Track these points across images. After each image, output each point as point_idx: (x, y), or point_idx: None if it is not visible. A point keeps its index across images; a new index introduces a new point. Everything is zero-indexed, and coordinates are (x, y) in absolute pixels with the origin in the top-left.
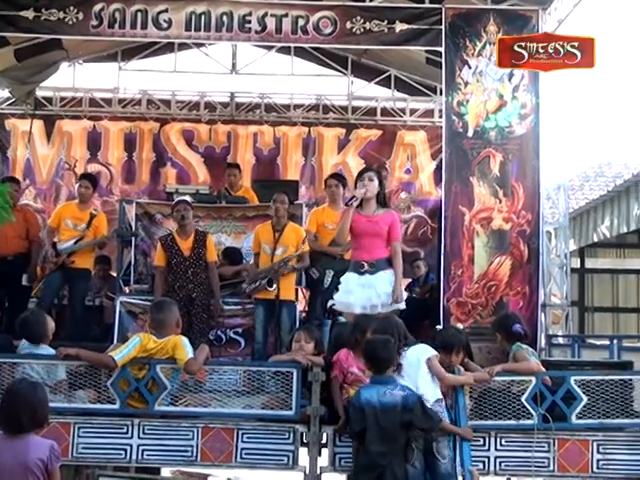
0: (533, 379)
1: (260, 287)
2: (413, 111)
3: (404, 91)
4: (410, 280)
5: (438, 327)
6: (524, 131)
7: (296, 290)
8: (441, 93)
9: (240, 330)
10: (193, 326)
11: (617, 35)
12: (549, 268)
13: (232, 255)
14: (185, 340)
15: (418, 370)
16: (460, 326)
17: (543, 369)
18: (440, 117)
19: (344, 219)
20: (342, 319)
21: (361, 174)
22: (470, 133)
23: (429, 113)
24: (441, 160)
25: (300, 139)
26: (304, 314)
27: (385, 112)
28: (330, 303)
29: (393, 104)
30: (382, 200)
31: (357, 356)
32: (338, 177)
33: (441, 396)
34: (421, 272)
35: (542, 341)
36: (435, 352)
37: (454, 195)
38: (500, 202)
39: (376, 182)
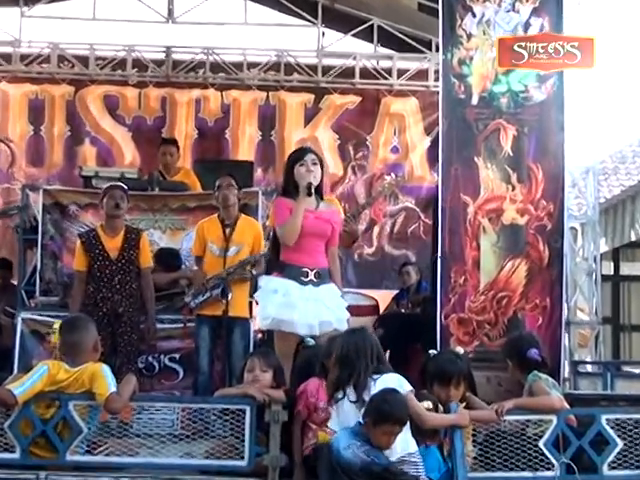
0: (554, 419)
1: (211, 299)
2: (401, 72)
3: (390, 46)
4: (397, 291)
5: (432, 352)
6: (544, 97)
7: (250, 304)
8: (437, 49)
9: (177, 356)
10: (118, 350)
11: None
12: (574, 275)
13: (168, 258)
14: (106, 369)
15: None
16: (460, 350)
17: (567, 405)
18: (436, 80)
19: (296, 213)
20: (310, 341)
21: (300, 155)
22: (475, 100)
23: (422, 74)
24: (437, 135)
25: (256, 107)
26: (260, 335)
27: (366, 73)
28: (263, 321)
29: (376, 63)
30: (321, 191)
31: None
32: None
33: (414, 448)
34: (411, 280)
35: (566, 369)
36: (410, 387)
37: (454, 180)
38: (513, 189)
39: (319, 167)
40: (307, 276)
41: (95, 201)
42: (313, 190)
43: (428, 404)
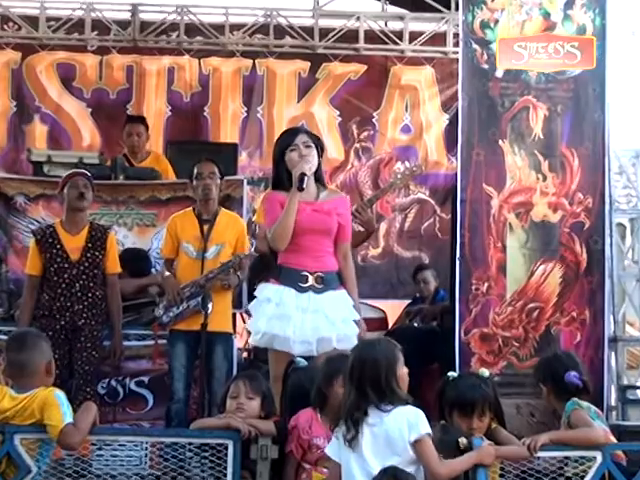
0: (598, 455)
1: (188, 311)
2: (414, 35)
3: (401, 4)
4: (409, 300)
5: (451, 374)
6: (580, 70)
7: (234, 317)
8: (457, 9)
9: (146, 379)
10: (75, 371)
11: None
12: (622, 281)
13: (135, 261)
14: (60, 395)
15: (398, 452)
16: (485, 373)
17: (613, 439)
18: (455, 45)
19: (286, 210)
20: (301, 362)
21: (290, 138)
22: (500, 72)
23: (438, 39)
24: (456, 112)
25: (240, 78)
26: (246, 354)
27: (372, 37)
28: (254, 337)
29: (384, 24)
30: (321, 178)
31: (327, 420)
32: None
33: None
34: (429, 288)
35: (612, 396)
36: (429, 428)
37: (475, 167)
38: (545, 179)
39: (314, 149)
40: (306, 281)
41: (47, 192)
42: (306, 184)
43: (467, 442)
